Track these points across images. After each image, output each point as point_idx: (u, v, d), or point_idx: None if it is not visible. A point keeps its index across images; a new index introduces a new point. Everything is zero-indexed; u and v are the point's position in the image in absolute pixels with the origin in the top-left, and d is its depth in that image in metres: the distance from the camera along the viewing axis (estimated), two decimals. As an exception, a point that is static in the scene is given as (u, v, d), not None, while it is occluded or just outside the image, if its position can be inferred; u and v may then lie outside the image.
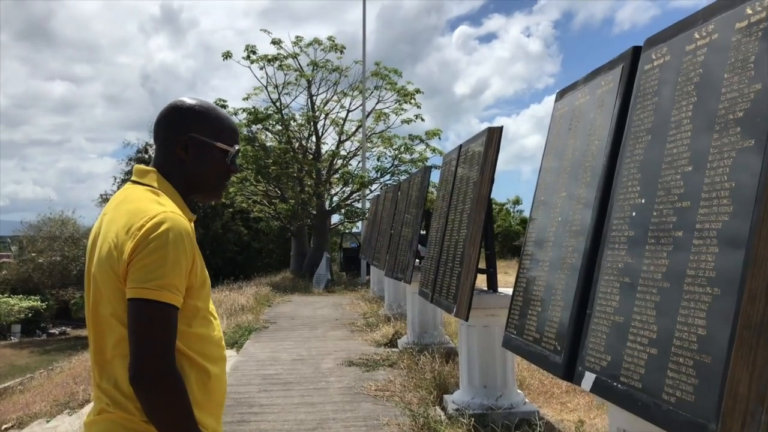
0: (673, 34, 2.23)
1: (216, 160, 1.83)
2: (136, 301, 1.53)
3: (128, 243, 1.58)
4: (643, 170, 2.23)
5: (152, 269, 1.54)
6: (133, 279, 1.55)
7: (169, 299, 1.54)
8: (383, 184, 20.29)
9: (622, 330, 2.13)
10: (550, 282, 2.78)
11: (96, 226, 1.81)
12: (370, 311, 11.60)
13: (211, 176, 1.84)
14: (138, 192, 1.75)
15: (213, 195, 1.89)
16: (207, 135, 1.81)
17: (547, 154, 3.23)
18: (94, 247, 1.74)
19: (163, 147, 1.82)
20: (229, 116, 1.92)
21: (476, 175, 4.55)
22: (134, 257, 1.56)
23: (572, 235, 2.67)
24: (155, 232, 1.57)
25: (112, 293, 1.61)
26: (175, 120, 1.81)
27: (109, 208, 1.80)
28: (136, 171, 1.83)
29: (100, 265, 1.64)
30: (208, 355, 1.66)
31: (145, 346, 1.50)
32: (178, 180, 1.80)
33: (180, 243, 1.59)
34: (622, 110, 2.50)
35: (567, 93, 3.15)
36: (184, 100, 1.85)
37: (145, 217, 1.61)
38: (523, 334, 2.95)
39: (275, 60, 20.05)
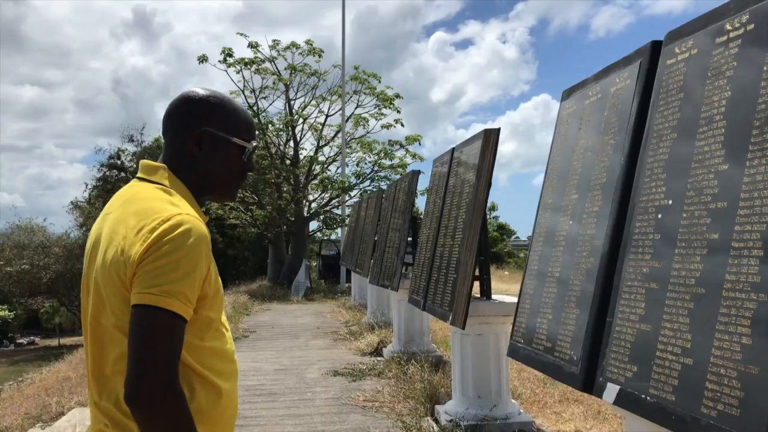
0: (699, 27, 2.12)
1: (232, 156, 1.67)
2: (139, 307, 1.36)
3: (137, 246, 1.41)
4: (670, 170, 2.11)
5: (161, 273, 1.37)
6: (139, 283, 1.38)
7: (177, 308, 1.37)
8: (363, 190, 20.15)
9: (650, 339, 2.01)
10: (563, 288, 2.66)
11: (96, 227, 1.64)
12: (352, 319, 11.42)
13: (227, 174, 1.68)
14: (148, 190, 1.58)
15: (227, 195, 1.72)
16: (222, 129, 1.65)
17: (554, 154, 3.11)
18: (96, 250, 1.57)
19: (174, 142, 1.65)
20: (246, 109, 1.76)
21: (472, 179, 4.43)
22: (144, 261, 1.39)
23: (587, 239, 2.55)
24: (170, 234, 1.40)
25: (117, 302, 1.44)
26: (187, 112, 1.65)
27: (112, 206, 1.62)
28: (143, 167, 1.66)
29: (104, 271, 1.47)
30: (220, 371, 1.50)
31: (145, 360, 1.32)
32: (190, 178, 1.63)
33: (197, 249, 1.43)
34: (642, 107, 2.38)
35: (575, 91, 3.04)
36: (196, 90, 1.69)
37: (158, 219, 1.44)
38: (532, 343, 2.82)
39: (252, 63, 19.81)
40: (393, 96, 20.53)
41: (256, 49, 20.06)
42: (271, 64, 20.22)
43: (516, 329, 3.07)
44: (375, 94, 20.44)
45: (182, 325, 1.38)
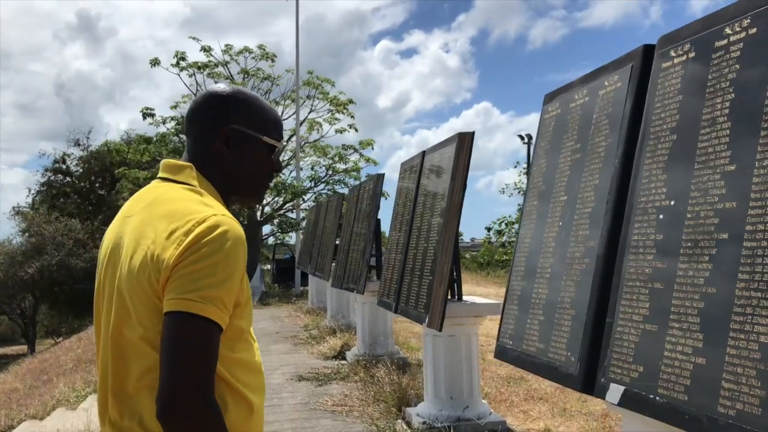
0: (696, 31, 2.15)
1: (261, 156, 1.60)
2: (174, 314, 1.27)
3: (171, 250, 1.33)
4: (670, 171, 2.13)
5: (199, 278, 1.29)
6: (173, 289, 1.29)
7: (214, 316, 1.29)
8: (318, 193, 20.03)
9: (656, 339, 2.02)
10: (555, 289, 2.66)
11: (114, 231, 1.54)
12: (311, 323, 11.30)
13: (255, 174, 1.61)
14: (175, 191, 1.49)
15: (254, 196, 1.65)
16: (251, 127, 1.58)
17: (538, 157, 3.12)
18: (116, 256, 1.47)
19: (200, 140, 1.57)
20: (273, 107, 1.69)
21: (446, 181, 4.42)
22: (179, 264, 1.31)
23: (580, 240, 2.56)
24: (207, 237, 1.32)
25: (146, 312, 1.35)
26: (214, 109, 1.57)
27: (134, 209, 1.53)
28: (166, 167, 1.57)
29: (131, 278, 1.38)
30: (251, 384, 1.42)
31: (181, 372, 1.24)
32: (218, 178, 1.56)
33: (235, 253, 1.35)
34: (636, 110, 2.41)
35: (559, 95, 3.06)
36: (222, 86, 1.61)
37: (192, 221, 1.36)
38: (523, 345, 2.82)
39: (205, 67, 19.47)
40: (346, 101, 20.49)
41: (209, 53, 19.73)
42: (224, 69, 19.91)
43: (503, 330, 3.06)
44: (328, 99, 20.39)
45: (219, 334, 1.30)
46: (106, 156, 29.01)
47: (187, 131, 1.60)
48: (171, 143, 20.52)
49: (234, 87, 1.61)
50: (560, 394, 6.10)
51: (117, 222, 1.55)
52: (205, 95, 1.59)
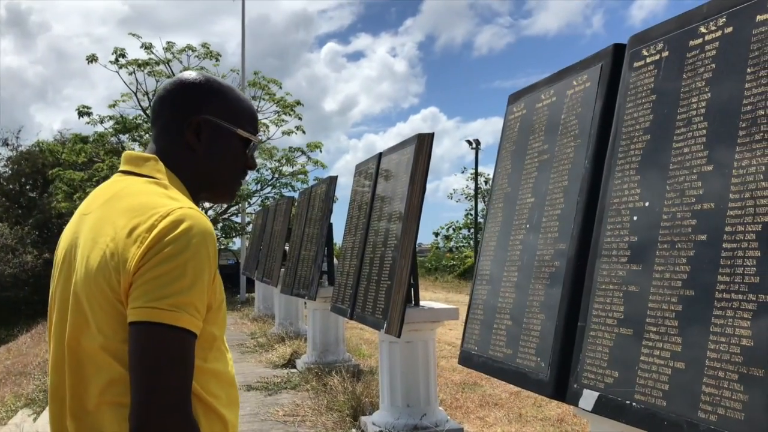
0: (670, 30, 2.13)
1: (235, 150, 1.47)
2: (143, 325, 1.14)
3: (133, 249, 1.19)
4: (644, 172, 2.10)
5: (167, 282, 1.16)
6: (139, 296, 1.16)
7: (188, 324, 1.16)
8: (264, 197, 19.71)
9: (632, 343, 1.97)
10: (523, 293, 2.60)
11: (69, 231, 1.38)
12: (258, 331, 11.05)
13: (228, 170, 1.48)
14: (137, 185, 1.35)
15: (225, 194, 1.52)
16: (225, 118, 1.45)
17: (502, 158, 3.07)
18: (71, 258, 1.32)
19: (167, 130, 1.43)
20: (250, 99, 1.57)
21: (405, 184, 4.34)
22: (143, 267, 1.17)
23: (549, 243, 2.51)
24: (172, 233, 1.19)
25: (106, 318, 1.20)
26: (185, 97, 1.43)
27: (92, 205, 1.38)
28: (128, 159, 1.43)
29: (88, 282, 1.23)
30: (224, 398, 1.30)
31: (155, 387, 1.11)
32: (186, 173, 1.42)
33: (205, 249, 1.22)
34: (606, 110, 2.37)
35: (524, 95, 3.02)
36: (195, 74, 1.48)
37: (155, 215, 1.22)
38: (489, 351, 2.75)
39: (146, 65, 18.91)
40: (294, 102, 20.26)
41: (150, 50, 19.18)
42: (165, 67, 19.38)
43: (468, 336, 2.99)
44: (275, 101, 20.10)
45: (194, 343, 1.18)
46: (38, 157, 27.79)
47: (153, 121, 1.47)
48: (109, 144, 19.87)
49: (206, 75, 1.49)
50: (515, 399, 6.09)
51: (73, 221, 1.40)
52: (174, 82, 1.46)
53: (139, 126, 19.11)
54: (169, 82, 1.47)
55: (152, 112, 1.48)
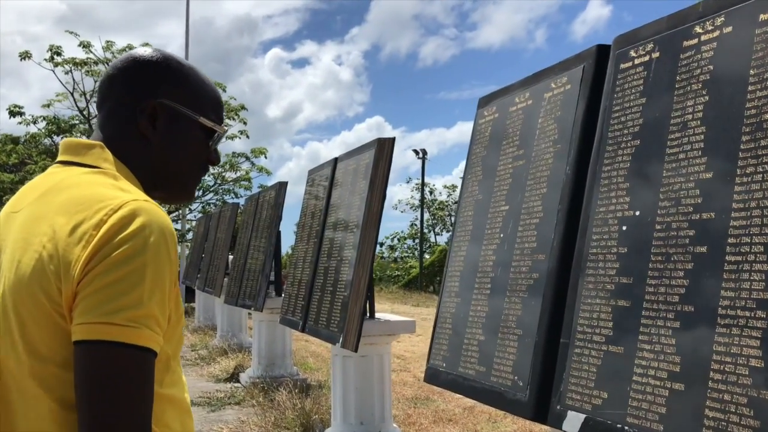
0: (660, 30, 2.02)
1: (196, 141, 1.27)
2: (93, 345, 0.94)
3: (77, 250, 0.98)
4: (634, 179, 1.98)
5: (122, 291, 0.96)
6: (88, 308, 0.95)
7: (148, 341, 0.98)
8: (206, 203, 19.18)
9: (622, 362, 1.84)
10: (497, 307, 2.45)
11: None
12: (199, 343, 10.64)
13: (187, 164, 1.27)
14: (80, 175, 1.14)
15: (183, 192, 1.30)
16: (186, 104, 1.24)
17: (472, 164, 2.93)
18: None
19: (116, 116, 1.22)
20: (214, 84, 1.36)
21: (364, 191, 4.15)
22: (90, 272, 0.96)
23: (527, 254, 2.36)
24: (125, 230, 0.98)
25: (41, 336, 0.99)
26: (139, 76, 1.22)
27: (22, 202, 1.15)
28: (67, 146, 1.20)
29: (18, 291, 1.01)
30: (180, 429, 1.08)
31: (112, 422, 0.92)
32: (139, 165, 1.21)
33: (164, 249, 1.02)
34: (589, 113, 2.25)
35: (496, 98, 2.88)
36: (151, 50, 1.25)
37: (104, 209, 1.01)
38: (459, 368, 2.58)
39: (84, 65, 18.15)
40: (238, 106, 19.83)
41: (88, 49, 18.43)
42: (105, 66, 18.65)
43: (434, 353, 2.82)
44: (219, 104, 19.63)
45: (154, 363, 0.98)
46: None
47: (100, 104, 1.25)
48: (42, 145, 18.99)
49: (164, 52, 1.27)
50: (469, 415, 5.96)
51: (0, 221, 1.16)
52: (126, 58, 1.24)
53: (74, 127, 18.32)
54: (120, 59, 1.25)
55: (99, 94, 1.26)
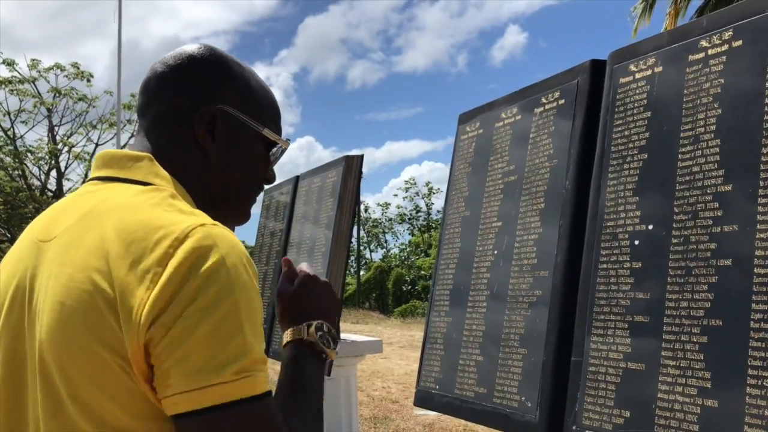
0: (662, 45, 2.02)
1: (257, 155, 1.13)
2: (210, 413, 0.83)
3: (140, 291, 0.85)
4: (643, 192, 1.96)
5: (223, 342, 0.84)
6: (189, 372, 0.83)
7: (264, 385, 0.88)
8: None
9: (644, 379, 1.80)
10: (496, 325, 2.39)
11: (18, 267, 0.97)
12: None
13: (246, 181, 1.13)
14: (128, 194, 0.97)
15: (239, 214, 1.17)
16: (248, 111, 1.10)
17: (456, 180, 2.87)
18: (22, 303, 0.94)
19: (165, 122, 1.07)
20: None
21: (331, 209, 4.04)
22: (169, 323, 0.82)
23: (526, 270, 2.32)
24: (203, 266, 0.86)
25: (99, 396, 0.85)
26: (197, 76, 1.08)
27: (54, 228, 1.00)
28: (107, 159, 1.05)
29: (63, 340, 0.88)
30: None
31: None
32: (194, 180, 1.06)
33: (248, 280, 0.93)
34: (587, 128, 2.24)
35: (479, 114, 2.85)
36: (203, 47, 1.11)
37: (167, 238, 0.87)
38: (455, 390, 2.51)
39: (8, 83, 17.34)
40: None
41: (12, 67, 17.62)
42: (31, 86, 17.89)
43: (425, 374, 2.73)
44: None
45: (272, 404, 0.91)
46: None
47: (144, 107, 1.09)
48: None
49: (221, 51, 1.13)
50: (434, 433, 5.88)
51: (21, 251, 1.00)
52: (180, 55, 1.10)
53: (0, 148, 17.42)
54: (171, 55, 1.10)
55: (144, 95, 1.10)
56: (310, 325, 1.22)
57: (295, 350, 1.21)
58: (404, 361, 12.54)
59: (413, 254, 42.50)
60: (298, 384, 1.13)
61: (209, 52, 1.10)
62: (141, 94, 1.11)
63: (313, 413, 1.13)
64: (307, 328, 1.21)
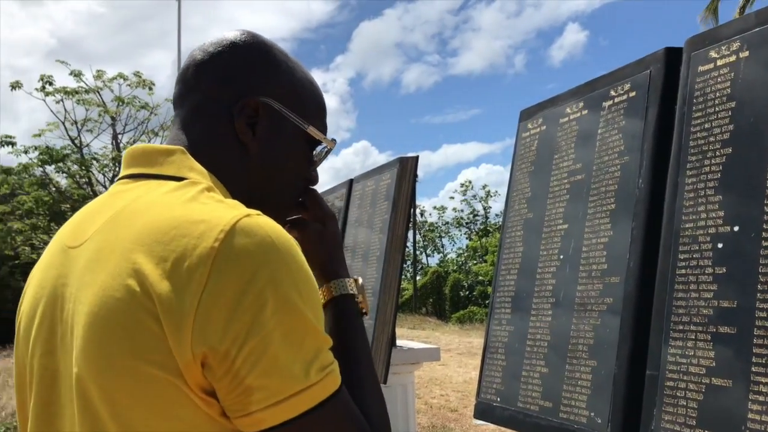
0: (748, 27, 1.84)
1: (300, 154, 1.04)
2: (301, 420, 0.78)
3: (187, 298, 0.76)
4: (728, 191, 1.78)
5: (299, 341, 0.78)
6: (270, 384, 0.77)
7: (338, 377, 0.84)
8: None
9: (731, 396, 1.63)
10: (561, 335, 2.24)
11: (47, 275, 0.91)
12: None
13: (287, 181, 1.04)
14: (160, 191, 0.90)
15: (278, 216, 1.06)
16: (292, 106, 1.01)
17: (517, 181, 2.73)
18: (53, 316, 0.87)
19: (205, 113, 0.99)
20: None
21: (386, 212, 3.95)
22: (237, 330, 0.75)
23: (595, 276, 2.16)
24: (258, 261, 0.78)
25: (145, 415, 0.76)
26: (239, 66, 0.99)
27: (83, 233, 0.93)
28: (137, 156, 0.97)
29: (101, 355, 0.80)
30: None
31: None
32: (232, 177, 0.97)
33: (302, 267, 0.83)
34: (662, 122, 2.06)
35: (542, 110, 2.70)
36: (246, 34, 1.02)
37: (209, 235, 0.81)
38: (518, 402, 2.36)
39: (75, 93, 18.00)
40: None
41: (79, 78, 18.29)
42: (96, 95, 18.53)
43: (485, 385, 2.60)
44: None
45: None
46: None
47: (181, 97, 1.01)
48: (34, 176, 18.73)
49: (266, 39, 1.04)
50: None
51: (50, 259, 0.92)
52: (221, 42, 1.01)
53: (66, 156, 18.09)
54: (212, 41, 1.02)
55: (181, 84, 1.02)
56: (347, 281, 1.11)
57: (336, 310, 1.11)
58: (463, 369, 12.33)
59: (470, 259, 42.05)
60: (352, 354, 1.02)
61: (252, 39, 1.01)
62: (178, 83, 1.04)
63: (373, 383, 1.03)
64: (345, 284, 1.11)
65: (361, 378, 0.97)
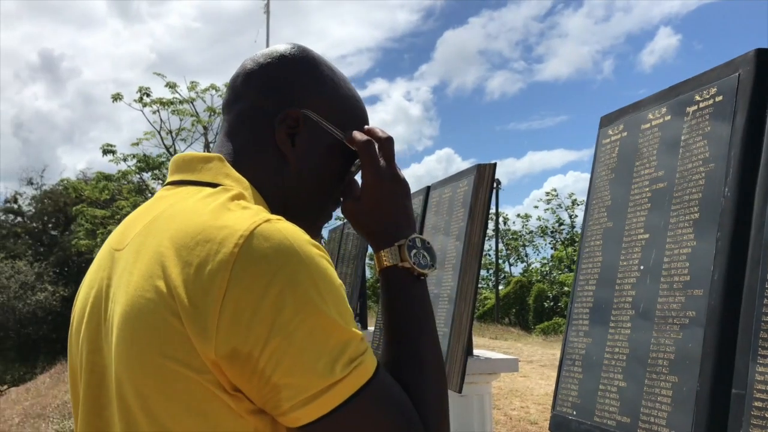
0: None
1: (337, 167, 1.06)
2: (336, 414, 0.80)
3: (210, 301, 0.81)
4: (823, 199, 1.67)
5: (323, 338, 0.80)
6: (300, 380, 0.79)
7: (373, 363, 0.85)
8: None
9: (826, 420, 1.52)
10: (641, 348, 2.16)
11: (95, 275, 0.97)
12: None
13: (323, 195, 1.07)
14: (192, 197, 0.94)
15: (311, 231, 1.09)
16: (333, 120, 1.04)
17: (597, 188, 2.66)
18: (99, 312, 0.92)
19: (249, 121, 1.03)
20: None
21: (462, 220, 3.93)
22: (260, 330, 0.79)
23: (677, 288, 2.07)
24: (278, 263, 0.82)
25: (175, 413, 0.80)
26: (285, 76, 1.03)
27: (126, 237, 0.97)
28: (179, 163, 1.02)
29: (135, 354, 0.86)
30: None
31: None
32: (269, 187, 1.01)
33: (324, 265, 0.86)
34: (751, 127, 1.96)
35: (623, 116, 2.62)
36: (296, 47, 1.07)
37: (230, 240, 0.84)
38: (595, 417, 2.29)
39: (170, 104, 18.93)
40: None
41: (174, 89, 19.23)
42: (190, 106, 19.41)
43: (562, 398, 2.53)
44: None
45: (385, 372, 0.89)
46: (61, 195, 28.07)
47: (230, 104, 1.05)
48: (131, 183, 19.82)
49: (314, 52, 1.08)
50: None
51: (100, 261, 0.98)
52: (270, 53, 1.05)
53: (162, 164, 19.06)
54: (262, 52, 1.06)
55: (230, 91, 1.07)
56: (401, 246, 1.05)
57: (388, 280, 1.05)
58: (545, 381, 12.05)
59: (555, 269, 41.06)
60: (404, 327, 0.99)
61: (301, 52, 1.05)
62: (228, 90, 1.09)
63: (431, 359, 0.98)
64: (398, 250, 1.04)
65: (414, 354, 0.95)
